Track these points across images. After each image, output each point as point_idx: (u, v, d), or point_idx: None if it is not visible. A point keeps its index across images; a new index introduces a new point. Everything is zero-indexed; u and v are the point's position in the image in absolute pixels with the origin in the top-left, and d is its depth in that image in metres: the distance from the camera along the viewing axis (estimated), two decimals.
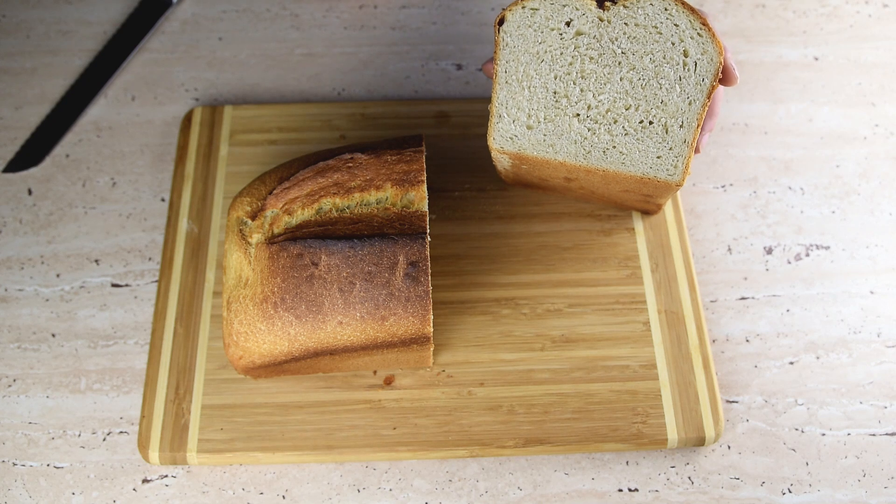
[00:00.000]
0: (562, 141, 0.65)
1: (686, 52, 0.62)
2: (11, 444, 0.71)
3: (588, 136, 0.65)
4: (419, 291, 0.64)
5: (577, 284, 0.76)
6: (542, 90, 0.64)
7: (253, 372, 0.68)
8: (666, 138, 0.63)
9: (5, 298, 0.77)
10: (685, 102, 0.63)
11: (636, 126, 0.64)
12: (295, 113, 0.85)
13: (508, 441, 0.69)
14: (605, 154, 0.65)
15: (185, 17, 0.94)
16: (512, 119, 0.65)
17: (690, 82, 0.62)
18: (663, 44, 0.62)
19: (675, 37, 0.62)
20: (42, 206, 0.82)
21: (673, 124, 0.63)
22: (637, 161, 0.64)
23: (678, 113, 0.63)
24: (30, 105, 0.88)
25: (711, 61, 0.62)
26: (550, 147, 0.65)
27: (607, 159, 0.65)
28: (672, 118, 0.63)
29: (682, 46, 0.62)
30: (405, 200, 0.66)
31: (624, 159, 0.64)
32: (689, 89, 0.63)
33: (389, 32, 0.93)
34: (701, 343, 0.73)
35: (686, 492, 0.69)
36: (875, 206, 0.82)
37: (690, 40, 0.62)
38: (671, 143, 0.64)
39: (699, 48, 0.62)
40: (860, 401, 0.73)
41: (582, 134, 0.65)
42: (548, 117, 0.65)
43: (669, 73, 0.62)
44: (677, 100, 0.63)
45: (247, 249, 0.66)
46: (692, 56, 0.62)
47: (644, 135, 0.64)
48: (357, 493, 0.69)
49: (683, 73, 0.62)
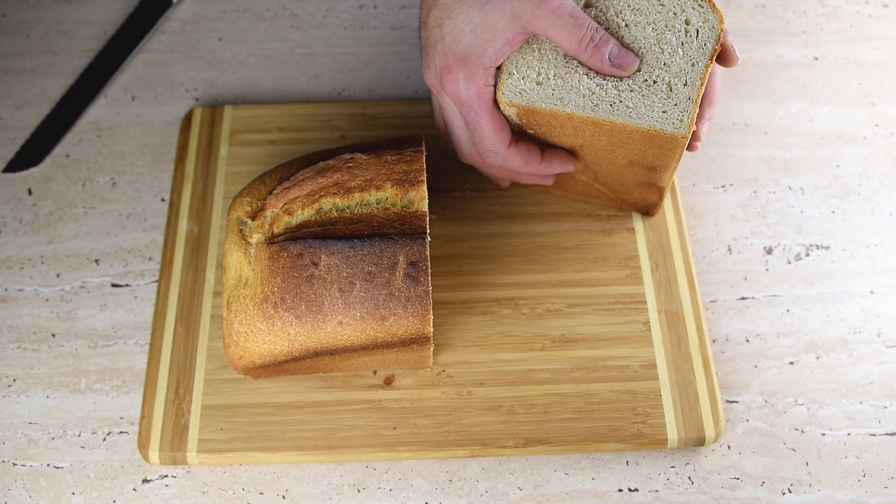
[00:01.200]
0: (570, 94, 0.66)
1: (688, 20, 0.64)
2: (11, 444, 0.71)
3: (596, 91, 0.66)
4: (419, 291, 0.64)
5: (577, 284, 0.76)
6: (552, 52, 0.66)
7: (253, 372, 0.68)
8: (671, 95, 0.65)
9: (5, 298, 0.77)
10: (688, 64, 0.64)
11: (641, 84, 0.65)
12: (295, 113, 0.85)
13: (508, 441, 0.69)
14: (613, 108, 0.66)
15: (185, 17, 0.94)
16: (522, 76, 0.66)
17: (693, 47, 0.64)
18: (665, 14, 0.64)
19: (678, 7, 0.64)
20: (42, 206, 0.82)
21: (677, 83, 0.65)
22: (643, 114, 0.65)
23: (681, 73, 0.65)
24: (30, 105, 0.88)
25: (713, 29, 0.63)
26: (559, 100, 0.66)
27: (614, 112, 0.66)
28: (676, 77, 0.65)
29: (683, 16, 0.64)
30: (405, 200, 0.66)
31: (630, 112, 0.65)
32: (692, 53, 0.64)
33: (389, 32, 0.93)
34: (701, 343, 0.73)
35: (686, 492, 0.69)
36: (875, 206, 0.82)
37: (692, 10, 0.64)
38: (676, 99, 0.65)
39: (700, 17, 0.64)
40: (860, 401, 0.73)
41: (591, 88, 0.66)
42: (557, 74, 0.66)
43: (672, 39, 0.64)
44: (680, 62, 0.64)
45: (247, 249, 0.66)
46: (693, 24, 0.64)
47: (649, 91, 0.65)
48: (357, 493, 0.69)
49: (685, 40, 0.64)
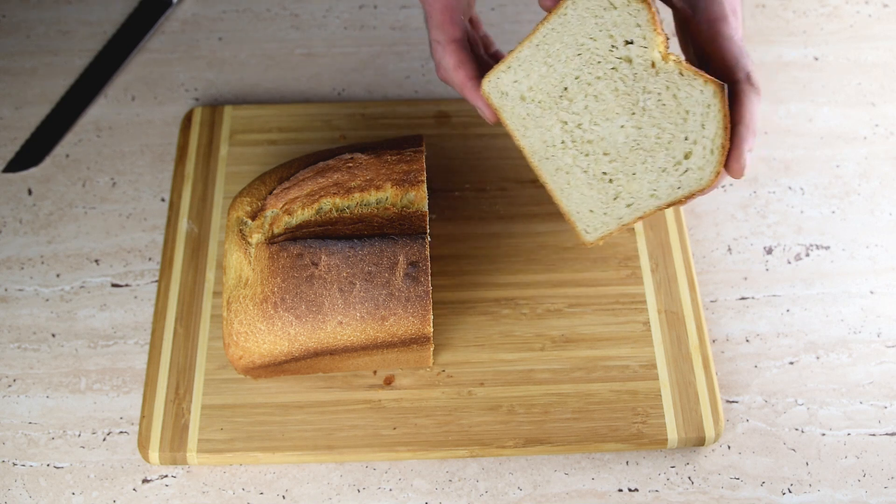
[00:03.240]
0: (535, 132, 0.63)
1: (688, 154, 0.59)
2: (11, 444, 0.71)
3: (555, 146, 0.63)
4: (419, 291, 0.64)
5: (577, 284, 0.76)
6: (557, 78, 0.61)
7: (253, 372, 0.68)
8: (608, 199, 0.63)
9: (5, 298, 0.77)
10: (649, 189, 0.61)
11: (598, 175, 0.63)
12: (295, 113, 0.85)
13: (508, 441, 0.69)
14: (556, 173, 0.64)
15: (185, 17, 0.94)
16: (514, 79, 0.62)
17: (667, 181, 0.60)
18: (675, 128, 0.59)
19: (693, 134, 0.58)
20: (42, 206, 0.82)
21: (623, 197, 0.62)
22: (572, 199, 0.65)
23: (637, 194, 0.62)
24: (30, 105, 0.88)
25: (700, 181, 0.59)
26: (523, 128, 0.64)
27: (555, 178, 0.64)
28: (630, 195, 0.62)
29: (689, 147, 0.59)
30: (405, 200, 0.66)
31: (564, 192, 0.64)
32: (662, 185, 0.60)
33: (389, 32, 0.93)
34: (701, 343, 0.73)
35: (686, 492, 0.69)
36: (875, 206, 0.82)
37: (701, 150, 0.58)
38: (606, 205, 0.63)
39: (701, 160, 0.59)
40: (860, 401, 0.73)
41: (552, 142, 0.63)
42: (541, 104, 0.62)
43: (661, 158, 0.60)
44: (645, 182, 0.61)
45: (247, 249, 0.66)
46: (687, 162, 0.59)
47: (597, 184, 0.63)
48: (357, 493, 0.69)
49: (670, 168, 0.60)
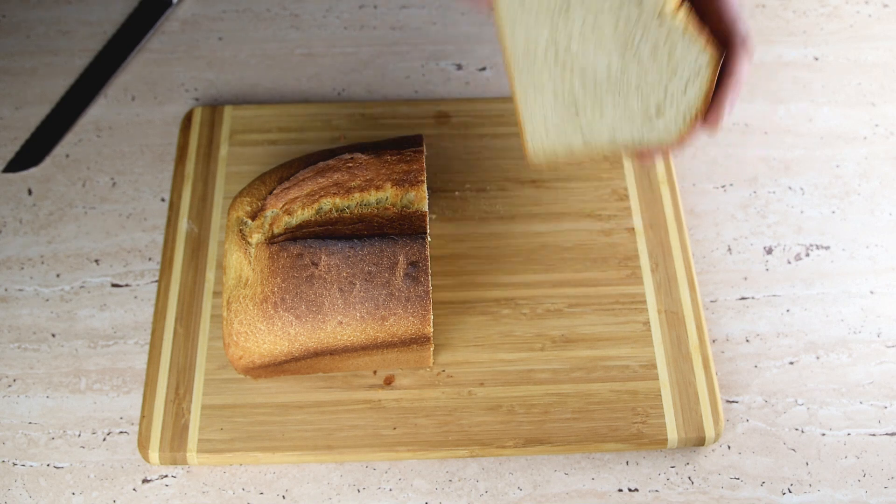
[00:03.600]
0: (519, 35, 0.59)
1: (660, 111, 0.59)
2: (11, 444, 0.71)
3: (537, 56, 0.60)
4: (419, 291, 0.64)
5: (577, 284, 0.76)
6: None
7: (253, 372, 0.68)
8: None
9: (5, 298, 0.77)
10: (610, 132, 0.61)
11: (566, 102, 0.61)
12: (295, 113, 0.85)
13: (508, 441, 0.69)
14: (526, 86, 0.61)
15: (185, 17, 0.94)
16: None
17: (630, 130, 0.60)
18: (658, 82, 0.58)
19: (673, 95, 0.58)
20: (42, 206, 0.82)
21: (584, 132, 0.62)
22: (533, 117, 0.62)
23: (598, 133, 0.61)
24: (30, 105, 0.88)
25: (660, 140, 0.60)
26: (511, 22, 0.59)
27: (523, 92, 0.61)
28: (590, 131, 0.62)
29: (665, 105, 0.59)
30: (405, 200, 0.66)
31: (529, 106, 0.61)
32: (623, 132, 0.61)
33: (389, 32, 0.93)
34: (701, 343, 0.73)
35: (686, 492, 0.69)
36: (875, 206, 0.82)
37: (674, 113, 0.59)
38: None
39: (670, 122, 0.59)
40: (860, 401, 0.73)
41: (537, 49, 0.59)
42: (540, 10, 0.58)
43: (633, 105, 0.59)
44: (609, 123, 0.61)
45: (247, 249, 0.66)
46: (657, 118, 0.59)
47: (562, 111, 0.61)
48: (357, 493, 0.69)
49: (637, 118, 0.60)
